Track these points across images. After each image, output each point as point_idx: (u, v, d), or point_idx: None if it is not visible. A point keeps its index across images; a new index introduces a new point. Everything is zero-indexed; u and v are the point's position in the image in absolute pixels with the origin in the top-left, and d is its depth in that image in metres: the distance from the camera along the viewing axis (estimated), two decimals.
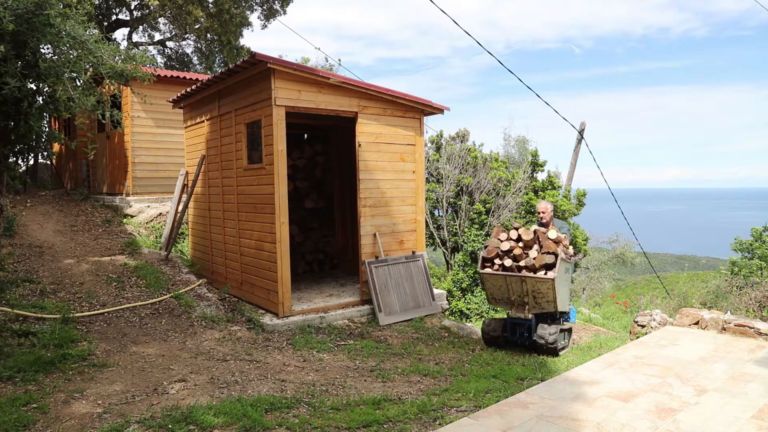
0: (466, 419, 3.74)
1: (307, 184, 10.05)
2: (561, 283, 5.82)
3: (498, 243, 6.02)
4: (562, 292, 5.89)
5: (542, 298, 5.81)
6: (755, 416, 3.68)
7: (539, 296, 5.82)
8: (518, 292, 5.91)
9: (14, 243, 8.11)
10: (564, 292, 5.95)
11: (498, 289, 6.09)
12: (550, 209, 7.01)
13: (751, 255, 12.15)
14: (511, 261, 5.88)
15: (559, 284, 5.74)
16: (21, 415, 3.72)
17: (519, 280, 5.83)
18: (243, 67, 6.68)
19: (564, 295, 5.96)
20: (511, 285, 5.93)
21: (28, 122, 4.57)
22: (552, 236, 5.88)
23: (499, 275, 5.93)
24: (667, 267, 36.85)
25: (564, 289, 5.95)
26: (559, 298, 5.77)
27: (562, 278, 5.87)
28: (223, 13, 16.14)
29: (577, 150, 15.42)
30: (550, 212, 7.00)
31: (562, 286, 5.85)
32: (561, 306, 5.87)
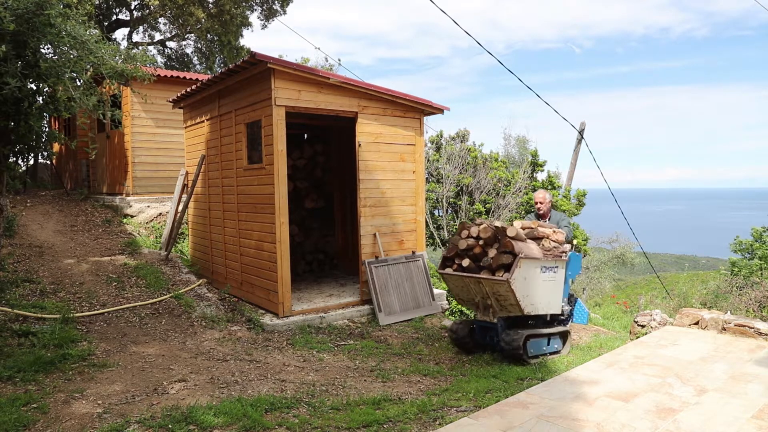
0: (466, 419, 3.74)
1: (307, 184, 10.05)
2: (531, 284, 5.31)
3: (458, 241, 5.59)
4: (538, 293, 5.41)
5: (505, 301, 5.30)
6: (755, 416, 3.68)
7: (501, 299, 5.32)
8: (480, 293, 5.47)
9: (14, 243, 8.11)
10: (542, 293, 5.47)
11: (461, 291, 5.69)
12: (548, 199, 6.66)
13: (751, 255, 12.14)
14: (470, 261, 5.45)
15: (524, 286, 5.23)
16: (21, 415, 3.72)
17: (476, 281, 5.37)
18: (243, 67, 6.68)
19: (540, 297, 5.45)
20: (469, 287, 5.51)
21: (28, 122, 4.57)
22: (512, 234, 5.31)
23: (457, 276, 5.51)
24: (667, 267, 36.83)
25: (541, 290, 5.45)
26: (527, 301, 5.27)
27: (533, 279, 5.34)
28: (224, 14, 16.14)
29: (577, 150, 15.42)
30: (549, 202, 6.64)
31: (534, 288, 5.36)
32: (531, 309, 5.38)
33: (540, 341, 5.69)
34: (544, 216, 6.59)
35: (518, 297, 5.18)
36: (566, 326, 6.13)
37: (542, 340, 5.71)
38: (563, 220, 6.45)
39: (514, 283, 5.13)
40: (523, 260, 5.19)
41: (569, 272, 5.92)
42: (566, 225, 6.40)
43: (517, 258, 5.15)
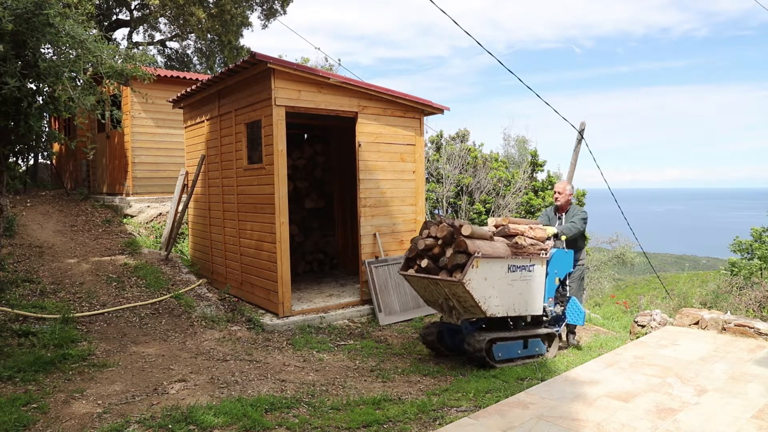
0: (466, 419, 3.73)
1: (307, 184, 10.05)
2: (494, 284, 5.03)
3: (417, 240, 5.33)
4: (505, 294, 5.15)
5: (465, 303, 5.03)
6: (755, 416, 3.68)
7: (461, 300, 5.04)
8: (442, 295, 5.21)
9: (14, 243, 8.11)
10: (512, 294, 5.22)
11: (424, 292, 5.42)
12: (568, 191, 6.28)
13: (750, 255, 12.13)
14: (428, 261, 5.18)
15: (485, 286, 4.95)
16: (21, 415, 3.72)
17: (434, 283, 5.11)
18: (243, 67, 6.68)
19: (509, 298, 5.19)
20: (430, 288, 5.27)
21: (28, 122, 4.57)
22: (466, 232, 4.99)
23: (417, 277, 5.26)
24: (667, 267, 36.83)
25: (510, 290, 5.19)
26: (490, 302, 5.00)
27: (497, 279, 5.05)
28: (224, 13, 16.14)
29: (577, 150, 15.41)
30: (568, 194, 6.27)
31: (499, 288, 5.09)
32: (496, 311, 5.10)
33: (512, 344, 5.40)
34: (561, 209, 6.27)
35: (476, 298, 4.91)
36: (555, 328, 5.87)
37: (515, 344, 5.42)
38: (576, 215, 6.15)
39: (470, 283, 4.83)
40: (480, 260, 4.88)
41: (555, 270, 5.69)
42: (576, 220, 6.09)
43: (471, 257, 4.84)
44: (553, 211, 6.45)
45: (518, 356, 5.44)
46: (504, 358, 5.33)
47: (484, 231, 5.24)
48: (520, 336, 5.48)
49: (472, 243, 4.93)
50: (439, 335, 5.68)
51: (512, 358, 5.40)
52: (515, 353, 5.42)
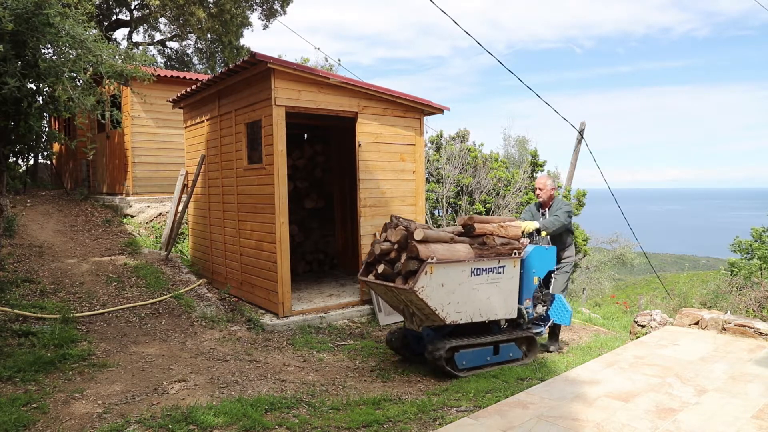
0: (466, 419, 3.73)
1: (307, 184, 10.05)
2: (454, 289, 4.78)
3: (374, 245, 5.05)
4: (470, 299, 4.91)
5: (423, 310, 4.77)
6: (755, 416, 3.68)
7: (419, 308, 4.78)
8: (401, 302, 4.98)
9: (14, 243, 8.11)
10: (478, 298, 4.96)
11: (386, 297, 5.18)
12: (549, 186, 6.03)
13: (750, 255, 12.13)
14: (384, 266, 4.92)
15: (442, 292, 4.69)
16: (21, 415, 3.72)
17: (389, 289, 4.87)
18: (243, 67, 6.68)
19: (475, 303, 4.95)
20: (388, 294, 5.03)
21: (28, 122, 4.58)
22: (419, 236, 4.68)
23: (373, 284, 5.02)
24: (667, 267, 36.84)
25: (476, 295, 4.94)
26: (450, 309, 4.75)
27: (457, 284, 4.79)
28: (224, 13, 16.15)
29: (577, 150, 15.42)
30: (550, 189, 6.02)
31: (462, 293, 4.84)
32: (459, 317, 4.85)
33: (480, 351, 5.09)
34: (544, 204, 6.07)
35: (432, 306, 4.65)
36: (538, 329, 5.61)
37: (483, 350, 5.11)
38: (560, 209, 5.90)
39: (423, 291, 4.56)
40: (434, 265, 4.59)
41: (533, 269, 5.44)
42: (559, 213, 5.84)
43: (424, 264, 4.56)
44: (535, 207, 6.25)
45: (488, 363, 5.15)
46: (470, 366, 5.03)
47: (441, 234, 4.91)
48: (491, 341, 5.17)
49: (425, 248, 4.65)
50: (404, 340, 5.46)
51: (481, 365, 5.11)
52: (484, 360, 5.13)
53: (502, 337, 5.26)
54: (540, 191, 6.07)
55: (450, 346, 4.90)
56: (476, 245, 5.05)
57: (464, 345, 5.01)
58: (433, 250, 4.69)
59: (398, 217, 5.06)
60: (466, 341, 5.02)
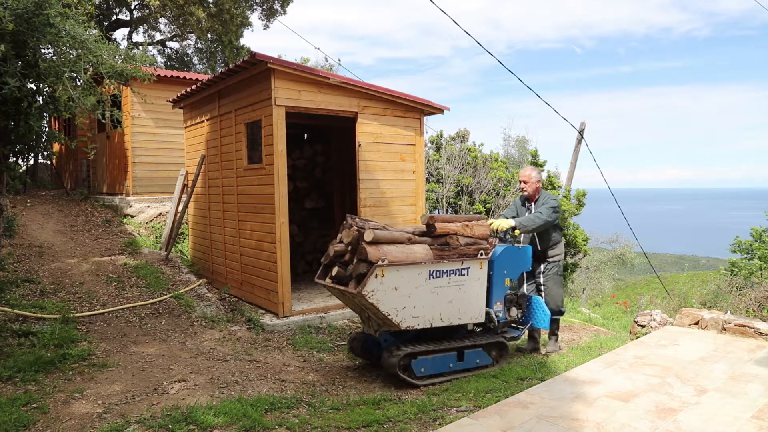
0: (466, 419, 3.73)
1: (307, 184, 10.05)
2: (410, 293, 4.52)
3: (329, 246, 4.83)
4: (430, 303, 4.65)
5: (377, 315, 4.53)
6: (755, 416, 3.68)
7: (374, 312, 4.52)
8: (357, 306, 4.76)
9: (14, 243, 8.11)
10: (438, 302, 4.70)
11: (344, 301, 4.98)
12: (534, 178, 5.70)
13: (750, 255, 12.14)
14: (338, 269, 4.69)
15: (395, 297, 4.44)
16: (21, 415, 3.72)
17: (341, 293, 4.67)
18: (243, 67, 6.68)
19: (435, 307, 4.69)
20: (343, 298, 4.84)
21: (28, 122, 4.57)
22: (368, 238, 4.41)
23: (328, 287, 4.79)
24: (667, 267, 36.85)
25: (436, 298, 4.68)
26: (405, 313, 4.50)
27: (413, 287, 4.53)
28: (224, 13, 16.16)
29: (577, 150, 15.43)
30: (535, 182, 5.70)
31: (419, 297, 4.58)
32: (416, 322, 4.60)
33: (441, 357, 4.81)
34: (530, 198, 5.76)
35: (385, 311, 4.39)
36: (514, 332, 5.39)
37: (446, 356, 4.83)
38: (544, 204, 5.59)
39: (373, 295, 4.31)
40: (385, 268, 4.33)
41: (504, 271, 5.17)
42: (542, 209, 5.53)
43: (373, 267, 4.30)
44: (521, 201, 5.95)
45: (451, 370, 4.87)
46: (430, 373, 4.75)
47: (397, 235, 4.62)
48: (454, 347, 4.88)
49: (375, 250, 4.38)
50: (365, 345, 5.21)
51: (442, 372, 4.83)
52: (446, 367, 4.84)
53: (467, 343, 4.96)
54: (524, 184, 5.73)
55: (406, 353, 4.62)
56: (437, 246, 4.78)
57: (422, 351, 4.72)
58: (385, 251, 4.41)
59: (354, 216, 4.81)
60: (424, 347, 4.73)
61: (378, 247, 4.43)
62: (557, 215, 5.61)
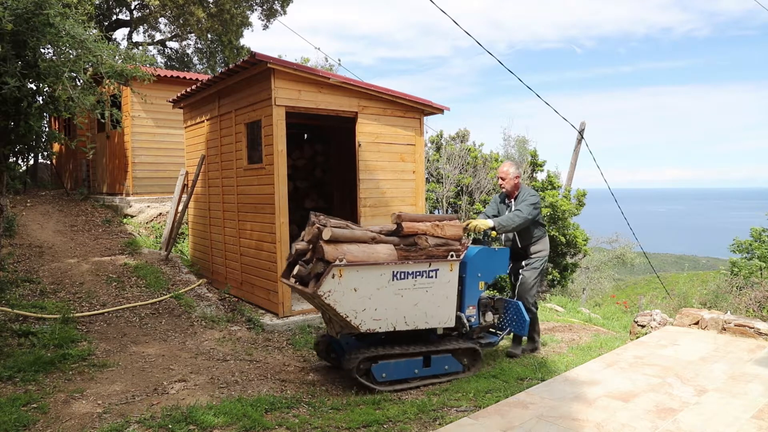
0: (466, 419, 3.74)
1: (307, 184, 10.05)
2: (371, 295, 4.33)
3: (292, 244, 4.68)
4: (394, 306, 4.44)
5: (336, 316, 4.35)
6: (755, 416, 3.68)
7: (334, 314, 4.34)
8: (319, 306, 4.54)
9: (14, 243, 8.11)
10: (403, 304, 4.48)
11: (306, 300, 4.80)
12: (512, 174, 5.48)
13: (750, 255, 12.15)
14: (300, 267, 4.54)
15: (355, 298, 4.25)
16: (21, 415, 3.72)
17: (302, 293, 4.48)
18: (243, 67, 6.68)
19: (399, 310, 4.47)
20: (305, 297, 4.62)
21: (28, 122, 4.58)
22: (326, 236, 4.24)
23: (291, 286, 4.60)
24: (667, 267, 36.86)
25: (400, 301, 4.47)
26: (365, 315, 4.31)
27: (375, 288, 4.33)
28: (224, 13, 16.16)
29: (577, 150, 15.44)
30: (514, 178, 5.48)
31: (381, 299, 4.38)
32: (378, 325, 4.38)
33: (405, 363, 4.61)
34: (510, 194, 5.56)
35: (343, 312, 4.23)
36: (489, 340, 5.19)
37: (410, 361, 4.63)
38: (524, 201, 5.35)
39: (330, 296, 4.15)
40: (343, 268, 4.15)
41: (478, 273, 4.97)
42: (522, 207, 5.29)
43: (330, 266, 4.13)
44: (500, 197, 5.75)
45: (416, 376, 4.67)
46: (392, 379, 4.57)
47: (359, 233, 4.43)
48: (419, 352, 4.67)
49: (334, 249, 4.22)
50: (329, 346, 5.05)
51: (407, 378, 4.64)
52: (411, 373, 4.64)
53: (435, 348, 4.75)
54: (502, 181, 5.53)
55: (366, 357, 4.45)
56: (403, 246, 4.57)
57: (383, 355, 4.53)
58: (344, 251, 4.25)
59: (319, 214, 4.63)
60: (385, 351, 4.54)
61: (337, 246, 4.26)
62: (537, 212, 5.43)
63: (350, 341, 4.78)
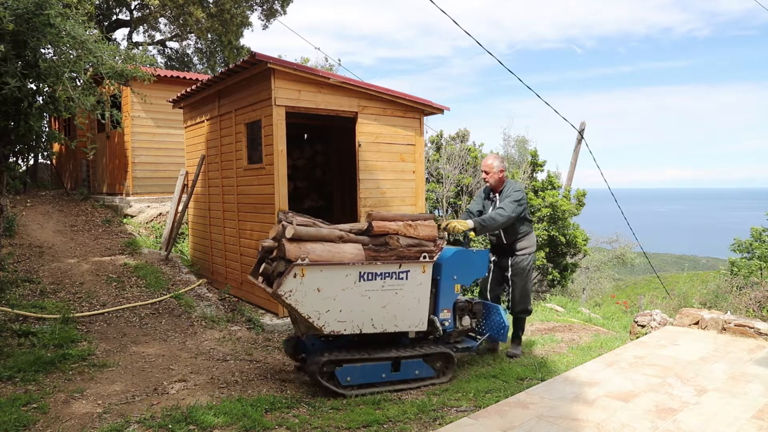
0: (466, 419, 3.74)
1: (307, 184, 10.05)
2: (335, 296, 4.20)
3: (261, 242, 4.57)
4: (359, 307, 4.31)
5: (298, 316, 4.25)
6: (755, 416, 3.68)
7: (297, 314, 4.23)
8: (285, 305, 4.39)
9: (14, 243, 8.11)
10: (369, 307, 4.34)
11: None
12: (497, 167, 5.26)
13: (750, 255, 12.15)
14: (266, 265, 4.45)
15: (318, 299, 4.13)
16: (21, 415, 3.72)
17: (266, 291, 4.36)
18: (243, 67, 6.68)
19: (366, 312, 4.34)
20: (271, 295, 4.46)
21: (28, 122, 4.58)
22: (289, 234, 4.12)
23: (257, 284, 4.51)
24: (667, 267, 36.86)
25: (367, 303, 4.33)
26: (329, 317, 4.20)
27: (339, 289, 4.21)
28: (224, 13, 16.16)
29: (577, 150, 15.45)
30: (497, 172, 5.26)
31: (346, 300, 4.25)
32: (343, 327, 4.27)
33: (370, 367, 4.44)
34: (495, 189, 5.35)
35: (305, 313, 4.12)
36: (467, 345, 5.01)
37: (375, 366, 4.46)
38: (509, 196, 5.14)
39: (292, 296, 4.04)
40: (305, 268, 4.04)
41: (453, 276, 4.77)
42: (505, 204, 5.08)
43: (291, 265, 4.02)
44: (485, 192, 5.54)
45: (384, 381, 4.50)
46: (358, 383, 4.42)
47: (325, 232, 4.33)
48: (386, 357, 4.50)
49: (296, 247, 4.10)
50: (296, 347, 4.87)
51: (374, 383, 4.47)
52: (378, 377, 4.48)
53: (405, 353, 4.56)
54: (486, 175, 5.32)
55: (329, 359, 4.32)
56: (372, 246, 4.43)
57: (348, 359, 4.39)
58: (308, 249, 4.14)
59: (288, 211, 4.52)
60: (350, 355, 4.41)
61: (300, 244, 4.13)
62: (522, 208, 5.22)
63: (317, 342, 4.63)
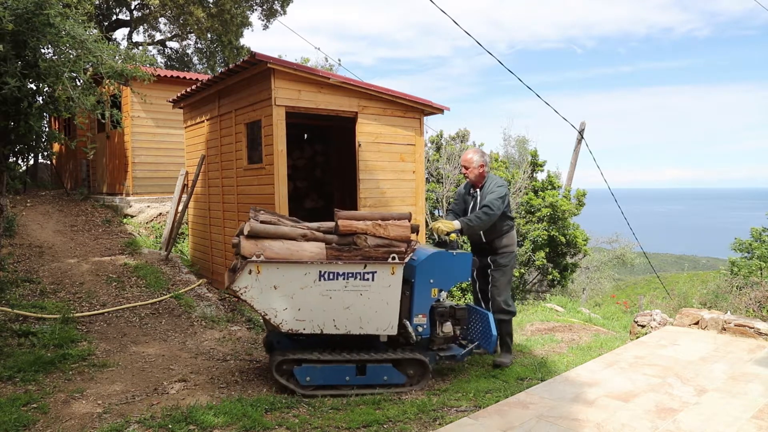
0: (466, 419, 3.74)
1: (307, 184, 10.05)
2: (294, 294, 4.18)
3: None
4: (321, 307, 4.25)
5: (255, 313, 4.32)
6: (755, 416, 3.68)
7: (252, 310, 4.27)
8: None
9: (14, 243, 8.11)
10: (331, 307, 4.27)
11: None
12: (476, 162, 5.04)
13: (750, 255, 12.15)
14: (235, 261, 4.45)
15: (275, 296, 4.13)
16: (21, 415, 3.72)
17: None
18: (243, 67, 6.68)
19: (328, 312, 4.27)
20: None
21: (28, 122, 4.57)
22: (246, 230, 4.14)
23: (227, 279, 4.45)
24: (667, 267, 36.87)
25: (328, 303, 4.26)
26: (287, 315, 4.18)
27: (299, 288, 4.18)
28: (224, 13, 16.15)
29: (577, 150, 15.45)
30: (477, 167, 5.05)
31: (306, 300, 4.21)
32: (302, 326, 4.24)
33: (332, 368, 4.33)
34: (475, 184, 5.14)
35: (261, 310, 4.15)
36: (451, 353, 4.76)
37: (338, 368, 4.34)
38: (493, 192, 4.94)
39: (247, 292, 4.07)
40: (261, 265, 4.05)
41: (430, 279, 4.51)
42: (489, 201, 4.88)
43: (245, 262, 4.04)
44: (465, 188, 5.33)
45: (349, 384, 4.37)
46: (319, 383, 4.34)
47: (286, 230, 4.27)
48: (351, 359, 4.38)
49: (252, 244, 4.11)
50: (271, 345, 4.79)
51: (337, 385, 4.37)
52: (342, 380, 4.37)
53: (372, 356, 4.43)
54: (465, 170, 5.12)
55: (288, 358, 4.31)
56: (337, 245, 4.34)
57: (309, 359, 4.32)
58: (265, 246, 4.13)
59: (258, 209, 4.46)
60: (311, 355, 4.35)
61: (258, 242, 4.13)
62: (505, 204, 5.02)
63: (282, 340, 4.58)
